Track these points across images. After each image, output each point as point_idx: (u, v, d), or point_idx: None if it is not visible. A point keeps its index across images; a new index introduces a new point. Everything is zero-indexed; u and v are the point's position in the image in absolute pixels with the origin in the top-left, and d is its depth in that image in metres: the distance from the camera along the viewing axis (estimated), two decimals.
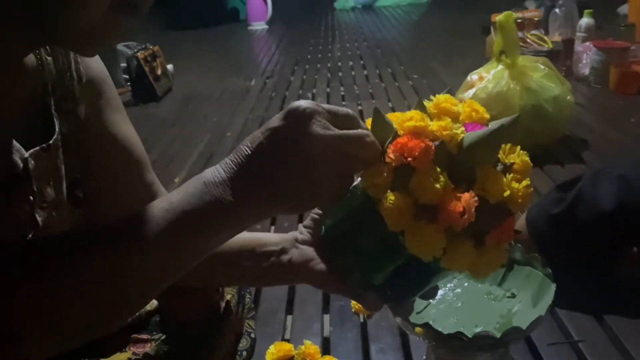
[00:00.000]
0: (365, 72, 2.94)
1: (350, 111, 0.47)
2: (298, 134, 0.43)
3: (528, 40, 2.41)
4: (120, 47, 2.74)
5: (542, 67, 1.62)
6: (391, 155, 0.44)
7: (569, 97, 1.61)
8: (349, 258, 0.52)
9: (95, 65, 0.65)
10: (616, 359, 0.83)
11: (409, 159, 0.43)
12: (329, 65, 3.17)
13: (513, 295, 0.77)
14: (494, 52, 1.64)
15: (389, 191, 0.44)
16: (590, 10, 2.57)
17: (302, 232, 0.60)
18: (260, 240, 0.64)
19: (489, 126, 0.47)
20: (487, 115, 0.49)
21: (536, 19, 2.74)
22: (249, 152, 0.45)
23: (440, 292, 0.80)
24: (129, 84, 2.68)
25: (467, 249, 0.45)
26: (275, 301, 1.02)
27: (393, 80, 2.71)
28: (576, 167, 1.52)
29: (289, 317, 1.00)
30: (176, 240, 0.45)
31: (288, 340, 0.91)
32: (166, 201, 0.46)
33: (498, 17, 1.56)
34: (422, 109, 0.48)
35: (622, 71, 2.17)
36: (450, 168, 0.45)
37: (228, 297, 0.84)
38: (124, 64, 2.69)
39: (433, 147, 0.44)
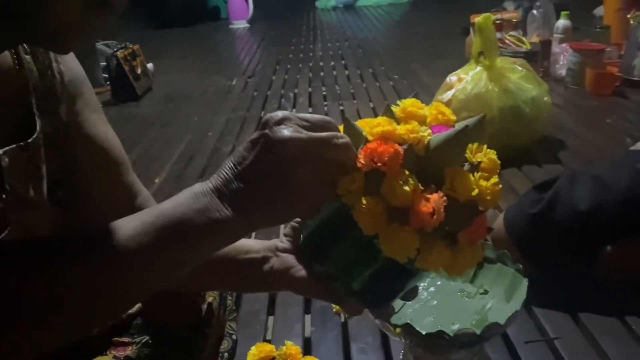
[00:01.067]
0: (347, 72, 2.95)
1: (326, 118, 0.48)
2: (273, 142, 0.44)
3: (507, 41, 2.44)
4: (99, 45, 2.71)
5: (520, 68, 1.65)
6: (362, 161, 0.45)
7: (546, 98, 1.64)
8: (328, 264, 0.52)
9: (74, 66, 0.65)
10: (591, 356, 0.85)
11: (379, 164, 0.44)
12: (310, 65, 3.17)
13: (486, 292, 0.79)
14: (472, 53, 1.66)
15: (362, 197, 0.45)
16: (567, 12, 2.61)
17: (282, 241, 0.61)
18: (242, 248, 0.64)
19: (455, 127, 0.48)
20: (453, 117, 0.50)
21: (515, 20, 2.78)
22: (232, 164, 0.46)
23: None
24: (108, 83, 2.65)
25: (441, 249, 0.46)
26: (257, 303, 1.03)
27: (374, 80, 2.73)
28: (553, 167, 1.55)
29: (271, 319, 1.00)
30: (165, 247, 0.45)
31: (269, 341, 0.91)
32: (157, 209, 0.46)
33: (476, 19, 1.57)
34: (390, 113, 0.50)
35: (598, 72, 2.21)
36: (419, 170, 0.46)
37: (210, 299, 0.84)
38: (103, 63, 2.67)
39: (401, 151, 0.45)
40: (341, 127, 0.49)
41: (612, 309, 0.93)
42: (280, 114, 0.45)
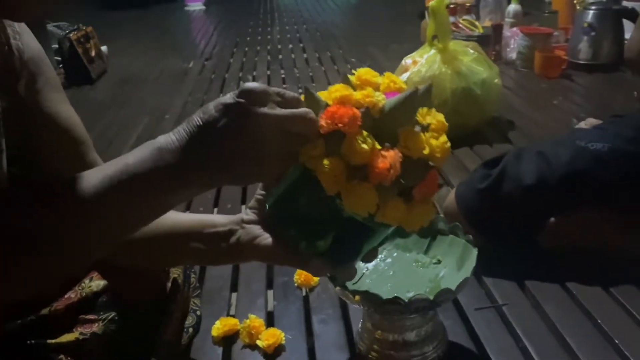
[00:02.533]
0: (305, 55, 2.96)
1: (296, 95, 0.51)
2: (249, 114, 0.47)
3: (460, 25, 2.50)
4: (51, 27, 2.63)
5: (472, 51, 1.70)
6: (323, 123, 0.49)
7: (496, 80, 1.70)
8: (293, 229, 0.56)
9: (33, 44, 0.65)
10: (536, 320, 0.91)
11: (340, 125, 0.48)
12: (268, 47, 3.16)
13: (439, 262, 0.84)
14: (427, 37, 1.70)
15: (323, 159, 0.49)
16: None
17: (247, 213, 0.64)
18: (208, 222, 0.66)
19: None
20: (404, 86, 0.54)
21: (468, 4, 2.83)
22: (201, 123, 0.48)
23: (372, 263, 0.85)
24: (61, 66, 2.58)
25: (398, 204, 0.51)
26: (220, 279, 1.05)
27: (332, 63, 2.75)
28: (503, 147, 1.61)
29: (234, 295, 1.03)
30: (128, 202, 0.48)
31: (233, 316, 0.94)
32: (122, 163, 0.48)
33: (431, 3, 1.62)
34: (347, 82, 0.54)
35: (546, 55, 2.30)
36: (375, 132, 0.50)
37: (174, 275, 0.86)
38: (55, 46, 2.59)
39: (359, 114, 0.49)
40: (302, 97, 0.52)
41: (555, 276, 1.00)
42: (259, 87, 0.48)
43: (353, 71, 0.55)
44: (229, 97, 0.48)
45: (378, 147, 0.49)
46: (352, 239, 0.55)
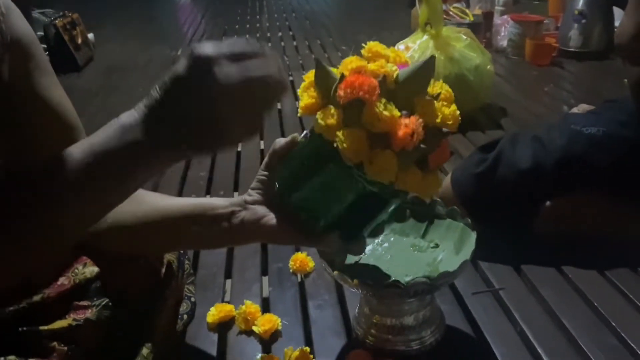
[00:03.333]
0: (295, 43, 2.94)
1: (251, 44, 0.47)
2: (201, 81, 0.45)
3: (451, 13, 2.49)
4: (36, 14, 2.58)
5: (465, 37, 1.70)
6: (341, 93, 0.49)
7: (489, 66, 1.70)
8: (305, 202, 0.55)
9: (21, 24, 0.63)
10: (533, 304, 0.91)
11: (360, 93, 0.49)
12: (257, 35, 3.14)
13: (436, 246, 0.83)
14: (419, 23, 1.69)
15: (341, 129, 0.49)
16: None
17: (250, 194, 0.62)
18: (208, 205, 0.65)
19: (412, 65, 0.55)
20: (408, 60, 0.56)
21: None
22: (158, 96, 0.46)
23: (369, 247, 0.85)
24: (47, 53, 2.54)
25: (415, 171, 0.52)
26: (214, 266, 1.03)
27: (323, 51, 2.73)
28: (495, 133, 1.61)
29: (228, 282, 1.01)
30: (97, 180, 0.48)
31: (228, 303, 0.93)
32: (87, 144, 0.48)
33: None
34: (322, 68, 0.54)
35: (537, 43, 2.30)
36: (390, 101, 0.51)
37: (169, 260, 0.84)
38: (40, 33, 2.54)
39: (377, 83, 0.50)
40: (310, 73, 0.52)
41: (551, 260, 1.00)
42: (208, 52, 0.45)
43: (363, 45, 0.55)
44: (180, 67, 0.46)
45: (397, 114, 0.50)
46: (364, 211, 0.55)
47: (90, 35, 2.78)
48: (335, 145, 0.49)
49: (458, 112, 0.53)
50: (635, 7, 0.94)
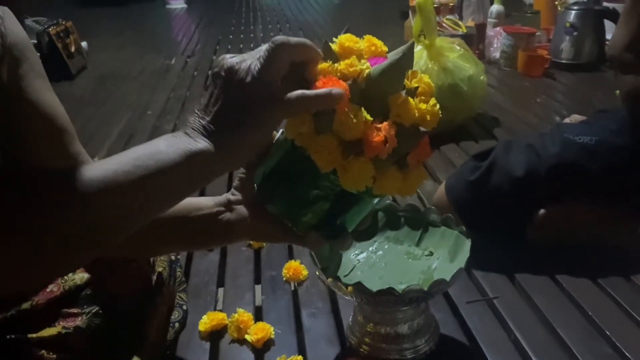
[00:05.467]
0: None
1: (271, 45, 0.48)
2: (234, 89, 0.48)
3: (444, 24, 2.51)
4: (29, 22, 2.58)
5: (458, 48, 1.70)
6: None
7: (482, 77, 1.71)
8: (285, 206, 0.54)
9: (17, 29, 0.62)
10: (527, 312, 0.91)
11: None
12: (252, 45, 3.14)
13: (431, 254, 0.83)
14: (413, 33, 1.70)
15: (314, 136, 0.47)
16: None
17: (234, 194, 0.63)
18: (194, 206, 0.65)
19: (389, 57, 0.51)
20: (385, 48, 0.53)
21: (451, 4, 2.85)
22: (199, 115, 0.49)
23: (363, 255, 0.84)
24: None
25: (394, 173, 0.49)
26: (206, 274, 1.02)
27: None
28: (488, 143, 1.61)
29: (221, 290, 1.00)
30: (142, 185, 0.48)
31: (221, 311, 0.92)
32: (132, 152, 0.49)
33: (417, 0, 1.61)
34: (329, 50, 0.52)
35: (529, 55, 2.32)
36: (364, 101, 0.48)
37: (159, 269, 0.84)
38: (34, 41, 2.53)
39: (347, 87, 0.47)
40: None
41: (544, 269, 1.00)
42: (236, 65, 0.48)
43: (334, 39, 0.52)
44: (212, 86, 0.50)
45: (370, 119, 0.47)
46: (345, 210, 0.54)
47: (84, 44, 2.78)
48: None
49: (437, 106, 0.50)
50: (626, 19, 0.95)
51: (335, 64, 0.49)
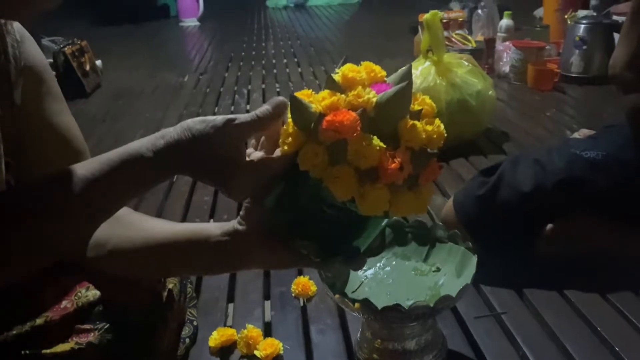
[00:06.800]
0: (300, 69, 2.98)
1: (262, 113, 0.53)
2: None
3: (453, 39, 2.53)
4: (45, 42, 2.64)
5: (466, 63, 1.72)
6: (324, 136, 0.48)
7: (490, 92, 1.72)
8: (299, 234, 0.55)
9: (35, 52, 0.65)
10: (535, 327, 0.91)
11: (342, 132, 0.48)
12: (263, 62, 3.18)
13: (438, 270, 0.83)
14: (421, 49, 1.72)
15: (329, 167, 0.48)
16: (510, 12, 2.73)
17: (241, 223, 0.62)
18: (204, 234, 0.65)
19: (388, 81, 0.53)
20: (383, 73, 0.54)
21: (460, 19, 2.87)
22: (182, 139, 0.55)
23: (370, 271, 0.85)
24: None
25: (408, 196, 0.51)
26: (217, 290, 1.04)
27: None
28: (498, 157, 1.62)
29: (230, 306, 1.02)
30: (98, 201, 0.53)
31: (230, 327, 0.93)
32: (96, 163, 0.55)
33: (425, 16, 1.63)
34: (333, 83, 0.53)
35: (539, 69, 2.32)
36: (372, 129, 0.49)
37: (170, 286, 0.85)
38: (50, 60, 2.59)
39: (357, 117, 0.48)
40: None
41: (553, 283, 1.00)
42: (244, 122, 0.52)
43: (336, 70, 0.53)
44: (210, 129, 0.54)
45: (383, 146, 0.49)
46: (359, 232, 0.55)
47: (98, 62, 2.83)
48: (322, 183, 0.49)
49: (442, 126, 0.51)
50: (626, 37, 0.95)
51: (342, 95, 0.51)
